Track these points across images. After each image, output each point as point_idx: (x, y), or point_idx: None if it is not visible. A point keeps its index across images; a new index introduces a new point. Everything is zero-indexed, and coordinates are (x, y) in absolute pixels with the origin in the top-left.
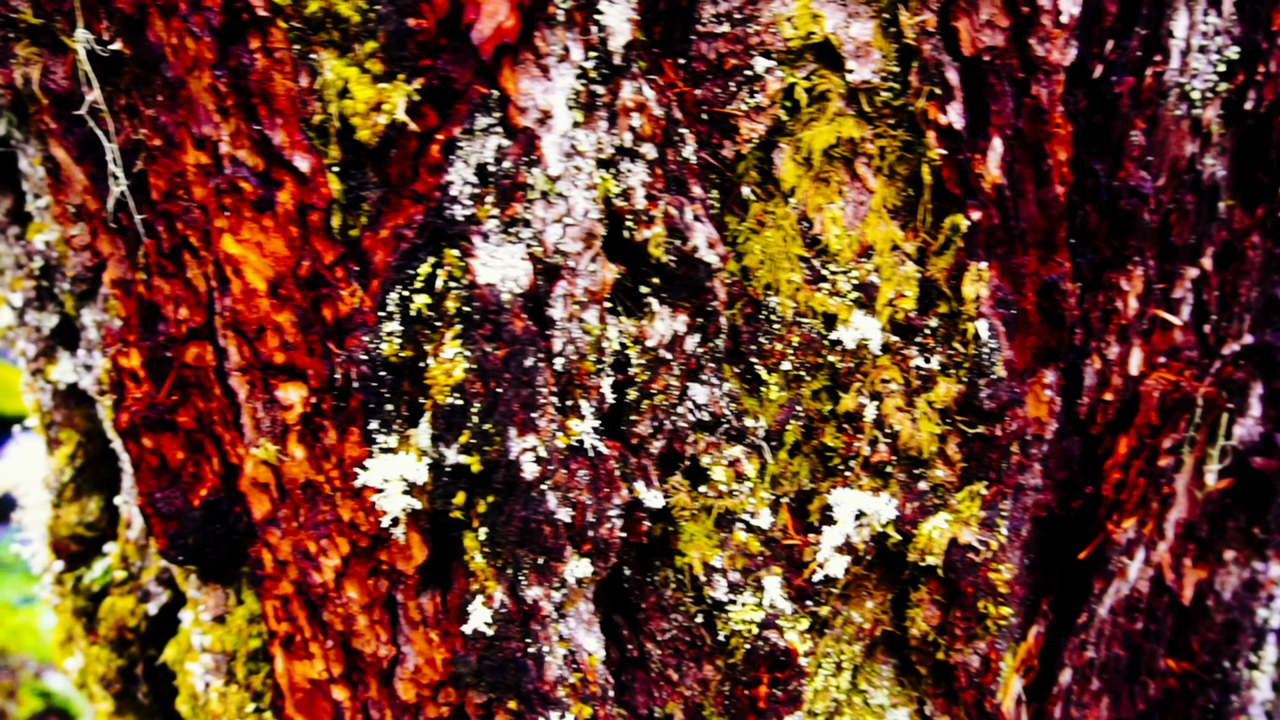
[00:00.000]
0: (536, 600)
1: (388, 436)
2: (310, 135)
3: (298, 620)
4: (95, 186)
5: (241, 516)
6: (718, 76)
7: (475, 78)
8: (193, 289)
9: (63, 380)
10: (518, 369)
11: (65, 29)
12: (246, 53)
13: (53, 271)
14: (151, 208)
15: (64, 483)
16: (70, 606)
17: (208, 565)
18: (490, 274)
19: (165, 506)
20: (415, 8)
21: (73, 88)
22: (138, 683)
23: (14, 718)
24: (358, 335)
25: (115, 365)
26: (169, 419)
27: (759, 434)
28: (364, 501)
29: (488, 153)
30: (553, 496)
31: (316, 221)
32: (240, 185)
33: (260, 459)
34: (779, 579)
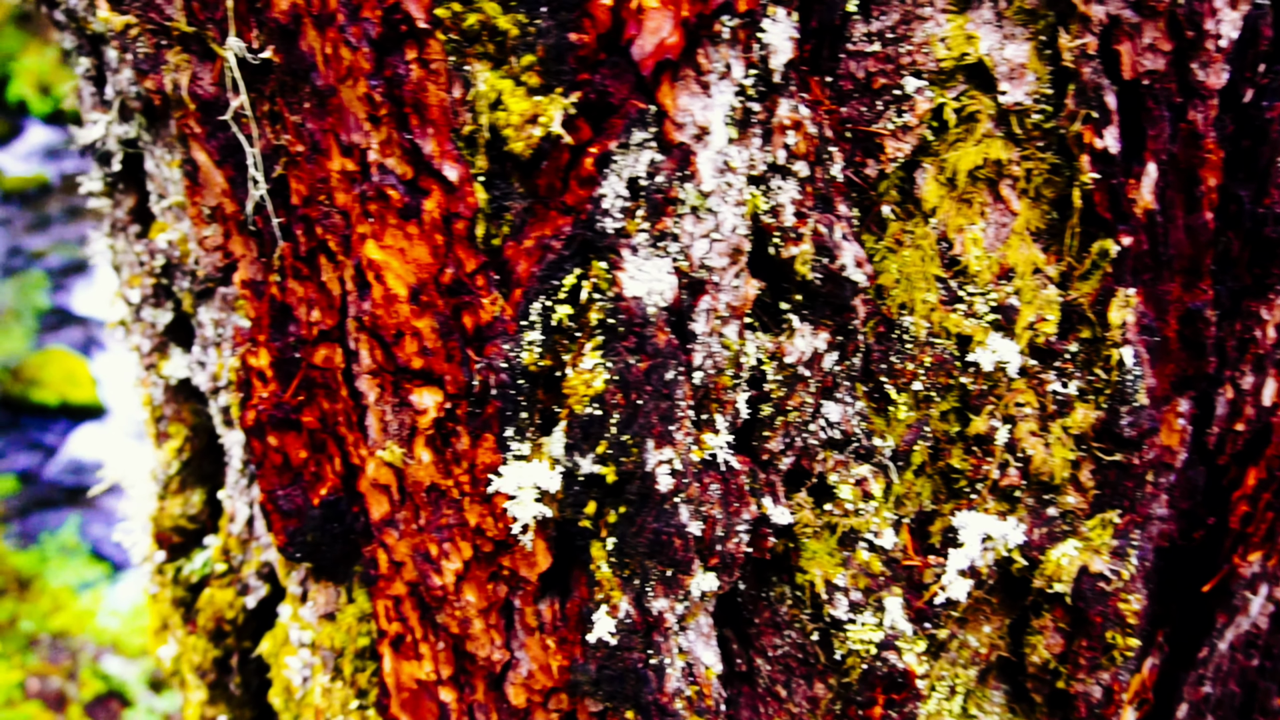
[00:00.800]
0: (661, 612)
1: (521, 444)
2: (459, 145)
3: (409, 621)
4: (234, 190)
5: (359, 516)
6: (864, 95)
7: (633, 92)
8: (326, 292)
9: (174, 376)
10: (659, 382)
11: (216, 37)
12: (403, 63)
13: (173, 270)
14: (290, 212)
15: (170, 475)
16: (169, 596)
17: (323, 563)
18: (637, 287)
19: (286, 504)
20: (577, 23)
21: (219, 94)
22: (231, 673)
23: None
24: (498, 343)
25: (244, 364)
26: (294, 418)
27: (885, 453)
28: (493, 507)
29: (640, 167)
30: (685, 510)
31: (461, 230)
32: (387, 192)
33: (384, 461)
34: (900, 600)
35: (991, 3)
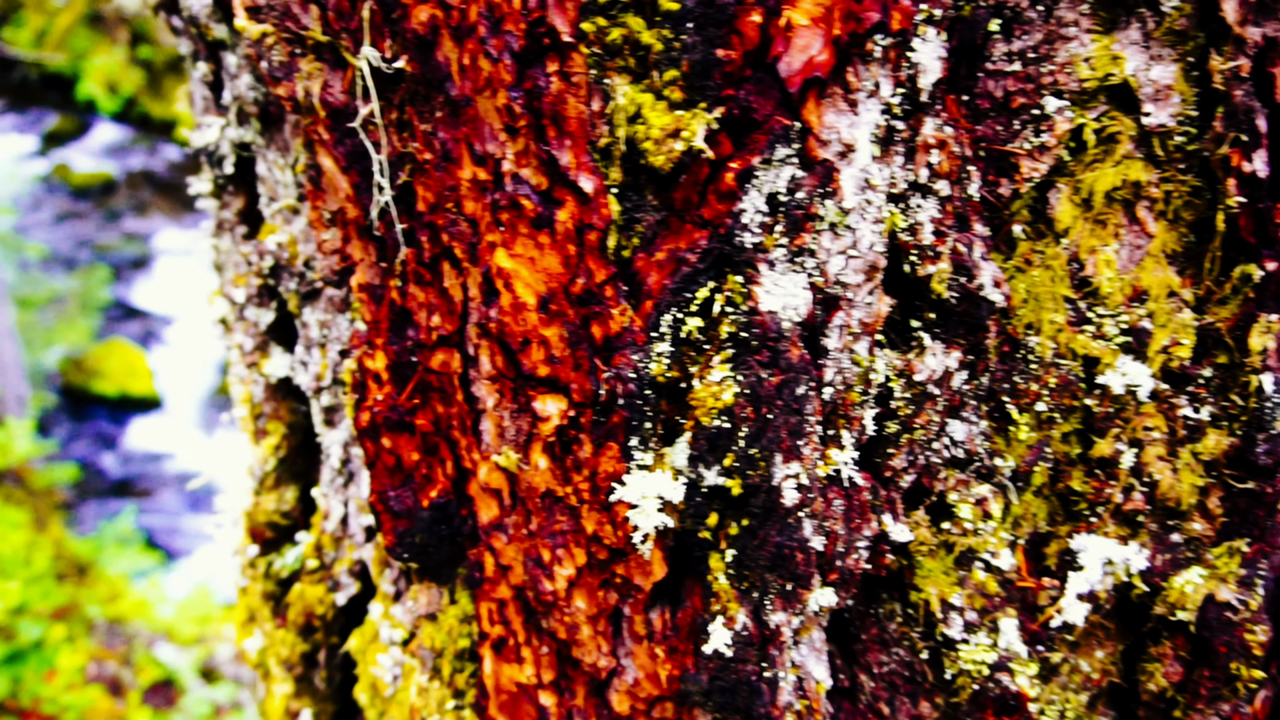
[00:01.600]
0: (779, 625)
1: (644, 454)
2: (595, 157)
3: (512, 624)
4: (357, 195)
5: (467, 520)
6: (1001, 114)
7: (777, 109)
8: (448, 298)
9: (274, 374)
10: (790, 396)
11: (349, 46)
12: (543, 75)
13: (280, 271)
14: (415, 218)
15: (266, 472)
16: (260, 590)
17: (428, 564)
18: (773, 301)
19: (397, 505)
20: (725, 39)
21: (348, 101)
22: (318, 668)
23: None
24: (626, 354)
25: (360, 366)
26: (408, 421)
27: (1005, 473)
28: (613, 515)
29: (781, 183)
30: (809, 524)
31: (593, 241)
32: (521, 202)
33: (497, 466)
34: (1015, 621)
35: (1139, 23)
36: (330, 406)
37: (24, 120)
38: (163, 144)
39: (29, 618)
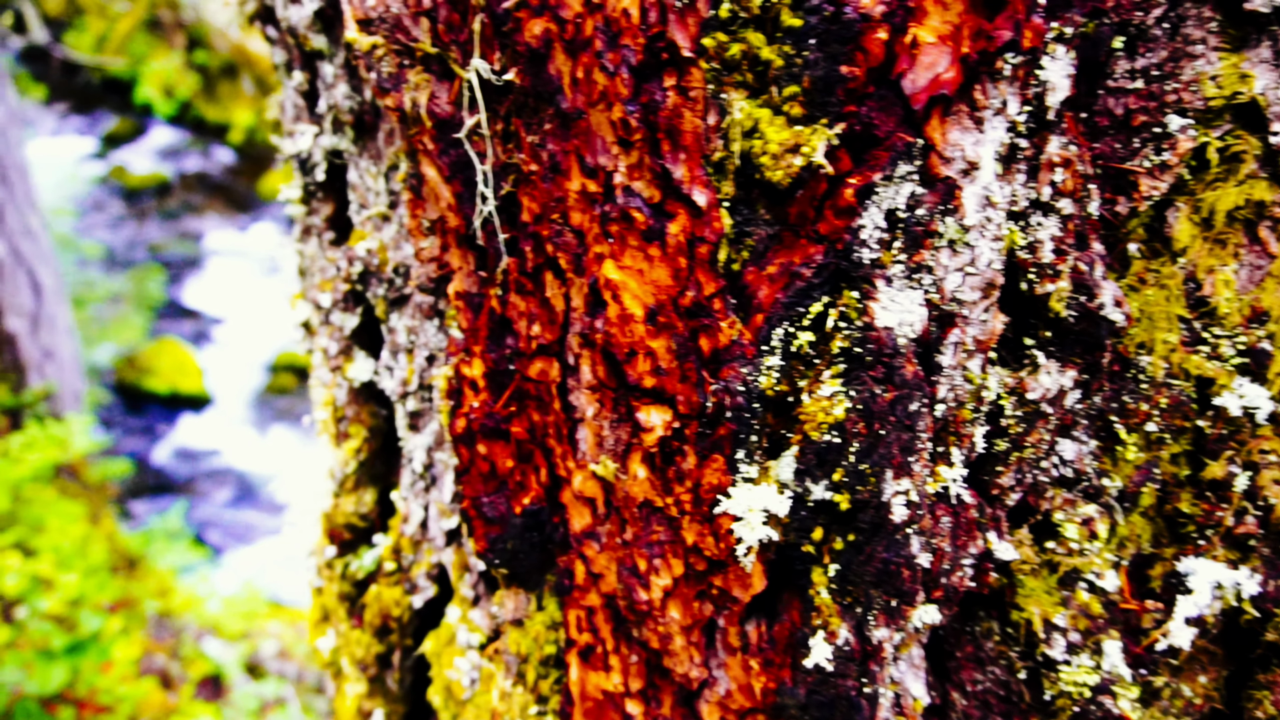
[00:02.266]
0: (881, 642)
1: (750, 467)
2: (709, 171)
3: (600, 632)
4: (459, 205)
5: (559, 527)
6: (1121, 132)
7: (899, 126)
8: (549, 308)
9: (358, 379)
10: (903, 412)
11: (457, 58)
12: (660, 90)
13: (368, 276)
14: (518, 228)
15: (346, 474)
16: (336, 591)
17: (518, 570)
18: (889, 318)
19: (490, 511)
20: (849, 56)
21: (454, 112)
22: (392, 669)
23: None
24: (735, 366)
25: (457, 373)
26: (503, 428)
27: (1112, 493)
28: (715, 527)
29: (900, 199)
30: (916, 541)
31: (704, 254)
32: (632, 214)
33: (593, 474)
34: (1118, 644)
35: (1270, 41)
36: (415, 411)
37: (84, 122)
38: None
39: (89, 609)
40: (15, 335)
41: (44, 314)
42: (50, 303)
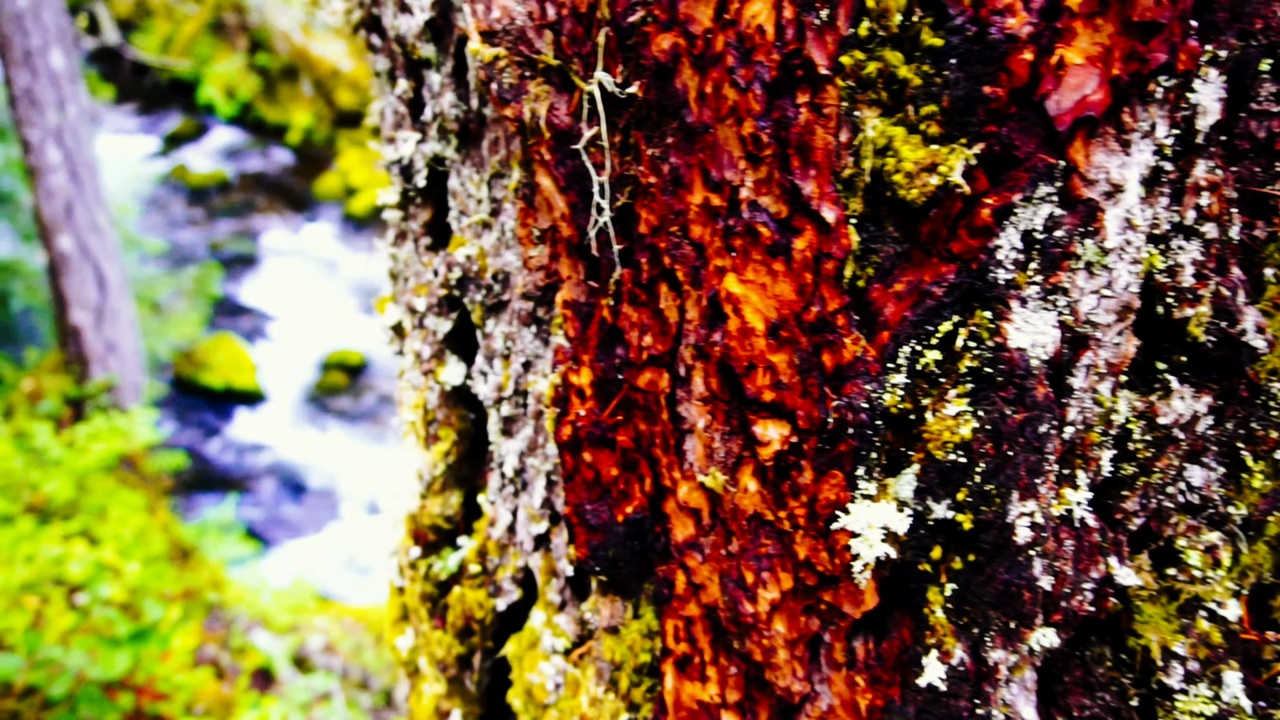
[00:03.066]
0: (997, 663)
1: (869, 483)
2: (838, 187)
3: (699, 642)
4: (573, 215)
5: (660, 537)
6: (1262, 155)
7: (1041, 147)
8: (662, 319)
9: (449, 382)
10: (1032, 434)
11: (579, 71)
12: (792, 106)
13: (467, 283)
14: (634, 240)
15: (434, 476)
16: (418, 591)
17: (618, 578)
18: (1022, 339)
19: (593, 519)
20: (993, 76)
21: (572, 124)
22: (472, 671)
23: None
24: (859, 383)
25: (564, 381)
26: (609, 437)
27: (1237, 521)
28: (830, 542)
29: (1038, 220)
30: (1039, 563)
31: (830, 270)
32: (758, 229)
33: (699, 485)
34: (1238, 674)
35: None
36: (509, 417)
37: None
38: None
39: (152, 598)
40: (80, 328)
41: (108, 308)
42: (114, 297)
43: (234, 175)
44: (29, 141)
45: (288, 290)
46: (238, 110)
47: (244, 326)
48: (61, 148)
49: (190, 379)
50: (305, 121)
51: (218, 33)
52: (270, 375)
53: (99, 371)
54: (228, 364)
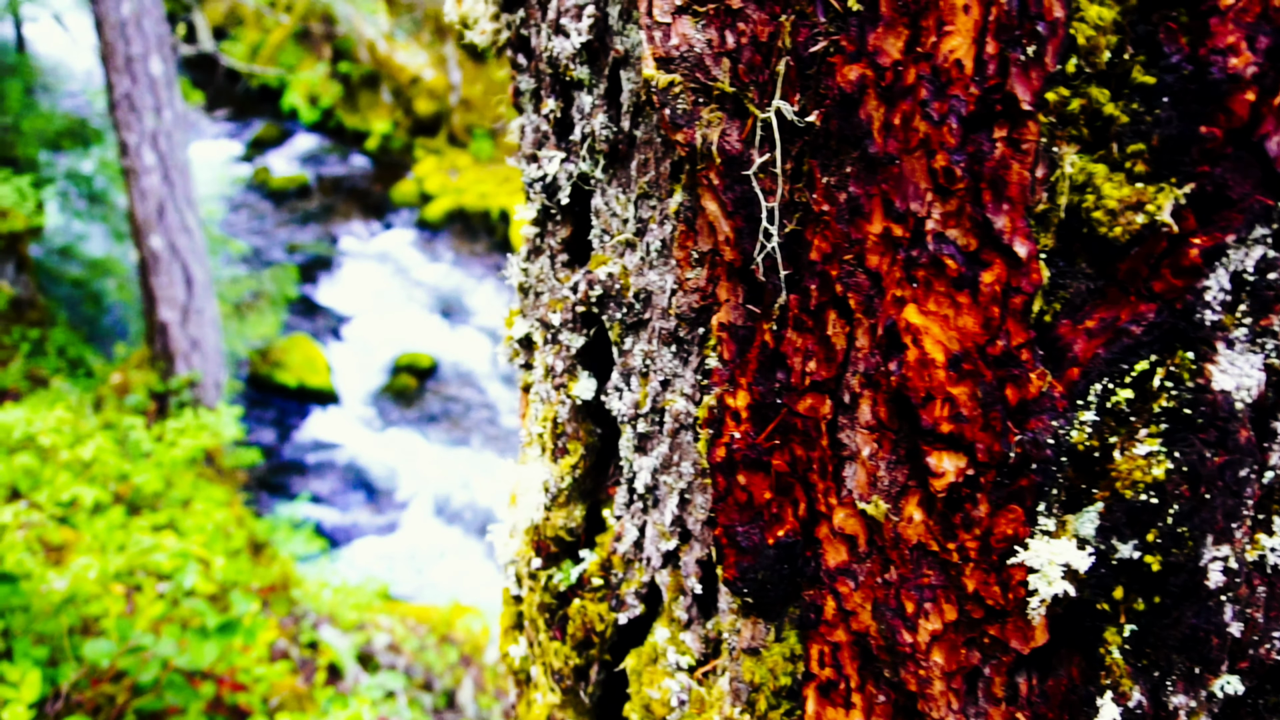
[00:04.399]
0: (1177, 708)
1: (1048, 520)
2: (1031, 223)
3: (845, 669)
4: (737, 239)
5: (810, 561)
6: None
7: (1257, 188)
8: (828, 345)
9: (581, 397)
10: (1231, 478)
11: (754, 98)
12: (988, 140)
13: (607, 300)
14: (804, 266)
15: (561, 489)
16: (536, 600)
17: (764, 600)
18: (1227, 381)
19: (744, 541)
20: (1209, 116)
21: (742, 150)
22: (587, 683)
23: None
24: (1044, 419)
25: (720, 403)
26: (764, 460)
27: None
28: (1004, 577)
29: (1249, 261)
30: (1230, 609)
31: (1018, 304)
32: (944, 261)
33: (857, 512)
34: None
35: None
36: (645, 434)
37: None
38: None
39: (239, 591)
40: (167, 324)
41: (194, 306)
42: (200, 296)
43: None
44: (126, 144)
45: (362, 293)
46: (319, 117)
47: (319, 327)
48: (156, 151)
49: (266, 377)
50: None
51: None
52: (342, 376)
53: (183, 368)
54: (302, 363)
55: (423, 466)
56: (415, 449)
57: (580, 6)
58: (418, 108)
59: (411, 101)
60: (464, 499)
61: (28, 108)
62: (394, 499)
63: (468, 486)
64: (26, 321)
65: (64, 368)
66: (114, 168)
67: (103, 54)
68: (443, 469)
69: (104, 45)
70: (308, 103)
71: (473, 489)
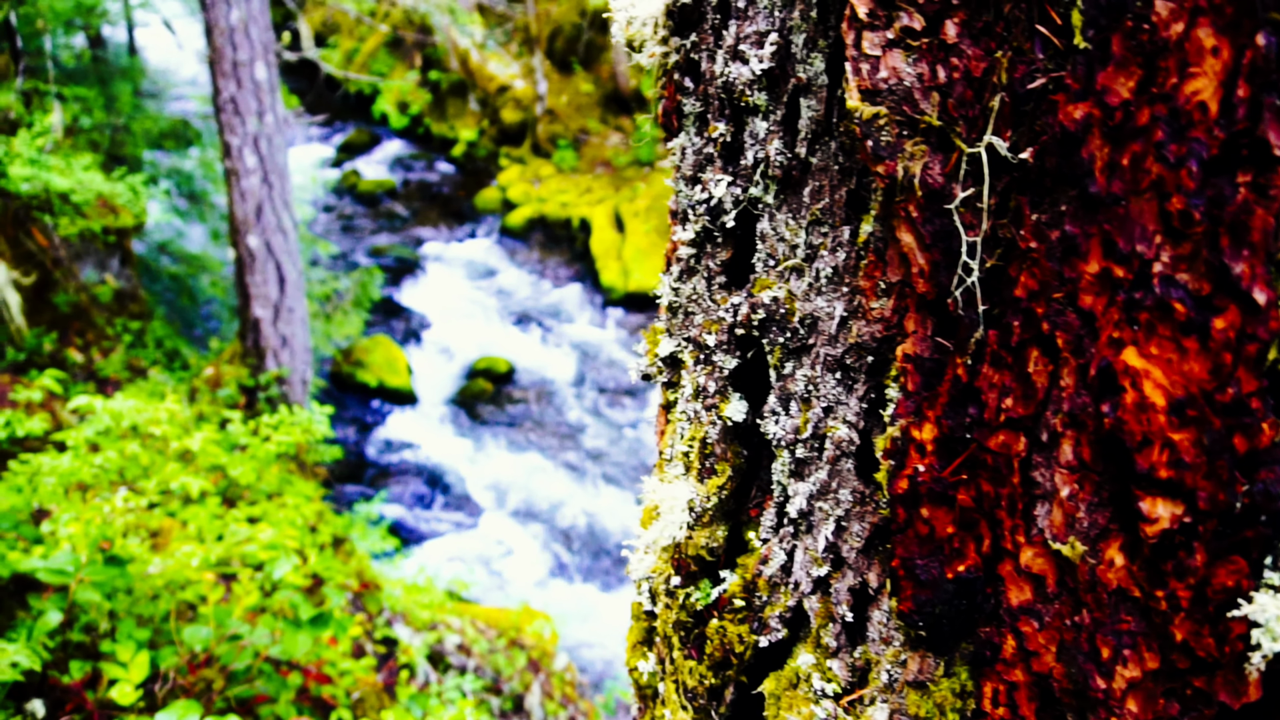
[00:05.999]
0: None
1: (1274, 574)
2: (1271, 270)
3: (1021, 709)
4: (932, 271)
5: (989, 598)
6: None
7: None
8: (1029, 383)
9: (732, 418)
10: None
11: (961, 133)
12: (1230, 185)
13: (770, 324)
14: (1006, 303)
15: (706, 509)
16: (671, 618)
17: (938, 635)
18: None
19: (923, 574)
20: None
21: (944, 184)
22: (720, 703)
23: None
24: (1275, 469)
25: (904, 434)
26: (949, 494)
27: None
28: (1221, 629)
29: None
30: None
31: (1251, 352)
32: (1171, 305)
33: (1050, 553)
34: None
35: None
36: (803, 459)
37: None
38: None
39: (332, 586)
40: (260, 321)
41: (285, 304)
42: (291, 295)
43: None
44: (229, 146)
45: (443, 297)
46: (408, 123)
47: (399, 329)
48: (257, 153)
49: (347, 375)
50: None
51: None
52: (421, 377)
53: (272, 364)
54: (383, 364)
55: (495, 470)
56: (489, 452)
57: (762, 34)
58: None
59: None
60: (534, 503)
61: (136, 109)
62: (466, 501)
63: (538, 491)
64: (128, 314)
65: (161, 359)
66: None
67: (210, 59)
68: (514, 473)
69: (212, 50)
70: (397, 109)
71: (543, 494)
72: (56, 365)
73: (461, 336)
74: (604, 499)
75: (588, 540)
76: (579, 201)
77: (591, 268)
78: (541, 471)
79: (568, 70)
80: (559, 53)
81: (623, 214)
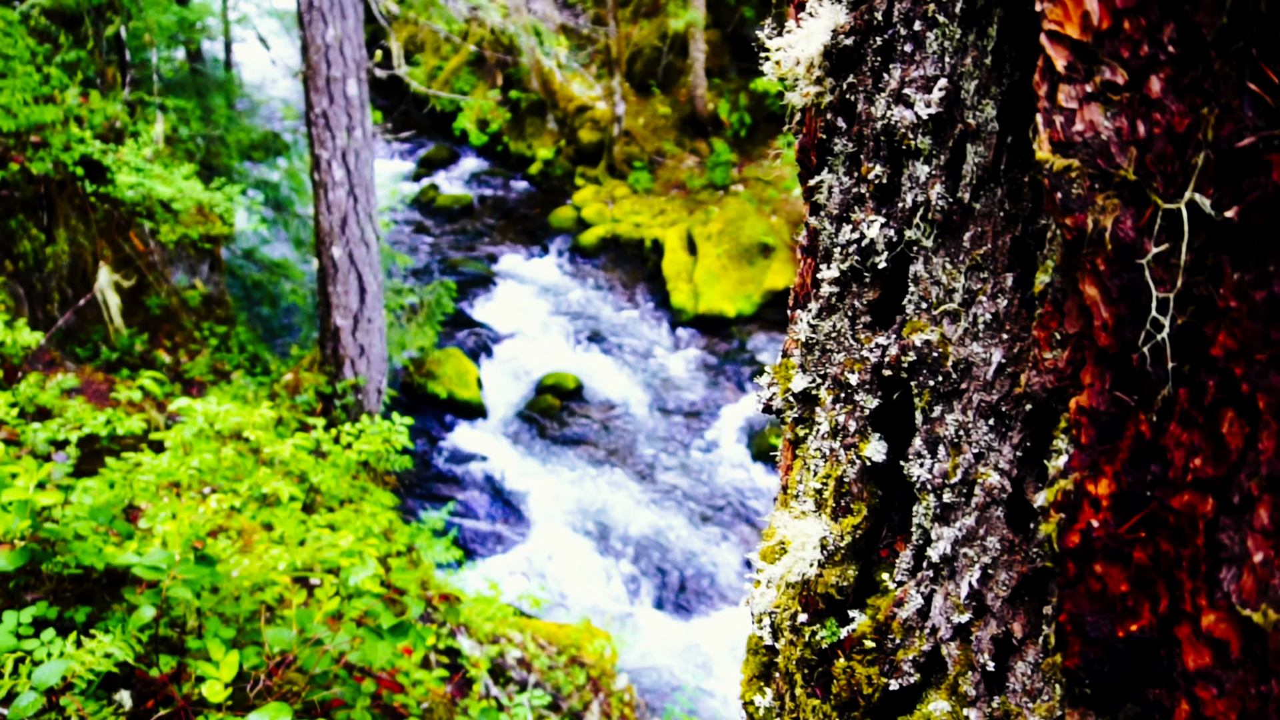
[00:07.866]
0: None
1: None
2: None
3: None
4: (1116, 325)
5: (1163, 660)
6: None
7: None
8: (1220, 444)
9: (871, 459)
10: None
11: (1159, 188)
12: None
13: (920, 367)
14: (1199, 361)
15: (840, 548)
16: (795, 655)
17: (1104, 693)
18: None
19: (1093, 631)
20: None
21: (1135, 238)
22: None
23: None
24: None
25: (1078, 488)
26: (1125, 551)
27: None
28: None
29: None
30: None
31: None
32: None
33: (1240, 619)
34: None
35: None
36: (949, 504)
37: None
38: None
39: (412, 597)
40: (340, 330)
41: (364, 315)
42: (370, 306)
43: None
44: (319, 159)
45: (515, 312)
46: (486, 140)
47: (471, 343)
48: (345, 167)
49: (419, 386)
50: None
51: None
52: (490, 391)
53: (349, 373)
54: (453, 376)
55: (559, 485)
56: (553, 468)
57: (930, 79)
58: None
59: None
60: (597, 522)
61: (231, 121)
62: (530, 515)
63: (601, 509)
64: (214, 318)
65: (244, 363)
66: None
67: (305, 74)
68: (578, 490)
69: (308, 66)
70: (477, 127)
71: (606, 513)
72: (146, 365)
73: (531, 352)
74: (667, 520)
75: (651, 562)
76: (652, 223)
77: (662, 289)
78: (605, 490)
79: (646, 93)
80: (638, 75)
81: (695, 236)
